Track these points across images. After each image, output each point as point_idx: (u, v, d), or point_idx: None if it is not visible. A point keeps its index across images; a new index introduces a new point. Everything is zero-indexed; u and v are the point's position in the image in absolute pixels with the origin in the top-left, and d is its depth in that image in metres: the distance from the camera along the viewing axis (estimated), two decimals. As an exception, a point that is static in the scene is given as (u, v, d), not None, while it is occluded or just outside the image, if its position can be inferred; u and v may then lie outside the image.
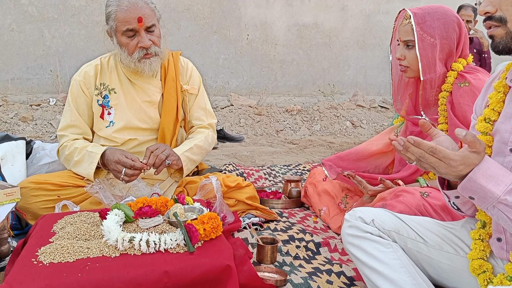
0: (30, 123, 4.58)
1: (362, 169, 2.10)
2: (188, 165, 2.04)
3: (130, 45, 1.93)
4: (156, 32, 1.96)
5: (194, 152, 2.06)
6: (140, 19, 1.88)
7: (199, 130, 2.17)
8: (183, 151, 2.00)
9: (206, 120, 2.19)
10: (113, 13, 1.90)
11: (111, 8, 1.92)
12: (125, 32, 1.91)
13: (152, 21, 1.93)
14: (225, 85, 5.72)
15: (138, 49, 1.93)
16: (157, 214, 1.50)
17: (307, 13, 5.88)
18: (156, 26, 1.96)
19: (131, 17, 1.88)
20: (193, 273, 1.21)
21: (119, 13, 1.89)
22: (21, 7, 4.93)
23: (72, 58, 5.09)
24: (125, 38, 1.92)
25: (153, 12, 1.95)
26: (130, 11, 1.88)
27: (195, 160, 2.08)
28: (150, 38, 1.94)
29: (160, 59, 2.01)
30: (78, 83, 2.05)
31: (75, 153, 1.97)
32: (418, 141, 0.98)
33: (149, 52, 1.94)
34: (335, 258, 1.77)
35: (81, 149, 1.96)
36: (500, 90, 1.16)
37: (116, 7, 1.90)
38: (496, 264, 1.16)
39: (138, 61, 1.95)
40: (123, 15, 1.88)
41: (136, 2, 1.90)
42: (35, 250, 1.29)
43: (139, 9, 1.89)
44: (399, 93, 2.05)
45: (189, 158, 2.02)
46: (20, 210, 1.82)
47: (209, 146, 2.16)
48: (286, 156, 3.95)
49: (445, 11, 1.79)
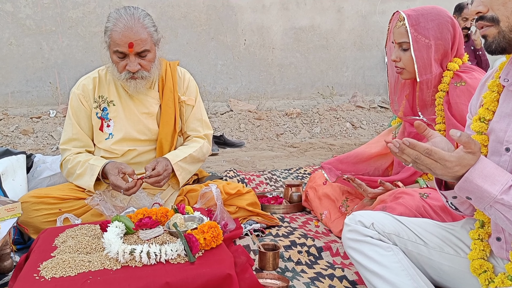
0: (31, 135, 4.60)
1: (361, 171, 2.11)
2: (183, 174, 2.05)
3: (119, 64, 1.92)
4: (148, 57, 1.93)
5: (188, 162, 2.07)
6: (131, 45, 1.85)
7: (195, 139, 2.18)
8: (177, 161, 2.01)
9: (202, 131, 2.19)
10: (109, 31, 1.89)
11: (108, 24, 1.90)
12: (115, 52, 1.90)
13: (145, 46, 1.89)
14: (224, 90, 5.73)
15: (125, 71, 1.92)
16: (158, 225, 1.51)
17: (303, 16, 5.90)
18: (149, 51, 1.92)
19: (123, 41, 1.85)
20: (194, 284, 1.22)
21: (113, 33, 1.87)
22: (19, 20, 4.96)
23: (71, 69, 5.11)
24: (116, 57, 1.92)
25: (150, 36, 1.90)
26: (123, 34, 1.84)
27: (189, 170, 2.10)
28: (140, 63, 1.91)
29: (148, 81, 2.00)
30: (77, 97, 2.06)
31: (78, 166, 1.98)
32: (414, 143, 0.99)
33: (135, 76, 1.93)
34: (337, 262, 1.77)
35: (84, 162, 1.97)
36: (494, 89, 1.16)
37: (113, 25, 1.87)
38: (497, 264, 1.16)
39: (125, 80, 1.95)
40: (116, 36, 1.86)
41: (132, 26, 1.85)
42: (37, 265, 1.30)
43: (134, 34, 1.85)
44: (396, 95, 2.05)
45: (182, 167, 2.03)
46: (22, 224, 1.83)
47: (203, 156, 2.17)
48: (287, 160, 3.96)
49: (439, 11, 1.80)
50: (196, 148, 2.11)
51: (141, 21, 1.88)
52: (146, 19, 1.91)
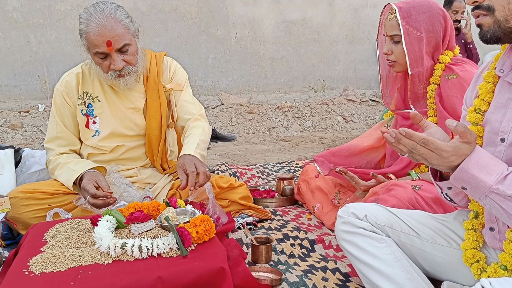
0: (19, 130, 4.53)
1: (354, 164, 2.11)
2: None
3: (103, 65, 1.86)
4: (130, 51, 1.85)
5: (202, 148, 1.93)
6: (109, 43, 1.77)
7: (193, 125, 2.02)
8: (194, 149, 1.85)
9: (196, 112, 2.07)
10: (84, 33, 1.82)
11: (81, 27, 1.83)
12: (96, 54, 1.83)
13: (124, 41, 1.81)
14: (215, 84, 5.70)
15: (111, 70, 1.86)
16: (149, 218, 1.49)
17: (295, 10, 5.88)
18: (130, 44, 1.84)
19: (100, 41, 1.77)
20: (187, 277, 1.21)
21: (88, 34, 1.79)
22: (6, 13, 4.87)
23: (60, 63, 5.04)
24: (98, 59, 1.85)
25: (126, 30, 1.82)
26: (98, 34, 1.77)
27: (204, 155, 1.93)
28: (124, 59, 1.84)
29: (135, 75, 1.94)
30: (60, 94, 2.01)
31: (57, 168, 1.93)
32: (410, 133, 0.98)
33: (122, 74, 1.88)
34: (330, 255, 1.77)
35: (63, 164, 1.92)
36: (490, 80, 1.16)
37: (86, 27, 1.79)
38: (489, 254, 1.16)
39: (113, 79, 1.89)
40: (92, 38, 1.78)
41: (106, 24, 1.78)
42: (26, 260, 1.28)
43: (108, 31, 1.77)
44: (388, 87, 2.05)
45: (201, 154, 1.89)
46: (11, 220, 1.80)
47: (208, 138, 2.04)
48: (278, 153, 3.95)
49: (430, 4, 1.79)
50: (200, 132, 1.97)
51: (113, 16, 1.80)
52: (118, 12, 1.83)
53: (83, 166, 1.88)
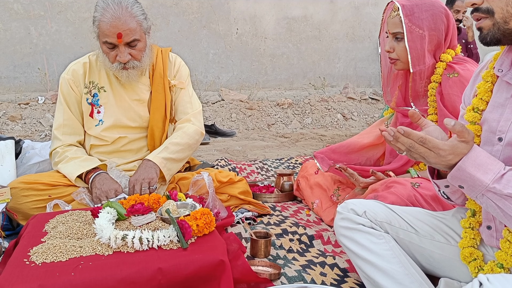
0: (19, 122, 4.53)
1: (353, 161, 2.12)
2: (168, 165, 1.96)
3: (110, 54, 1.89)
4: (138, 46, 1.89)
5: (172, 151, 1.98)
6: (120, 35, 1.81)
7: (178, 127, 2.09)
8: (156, 154, 1.95)
9: (191, 111, 2.12)
10: (97, 21, 1.84)
11: (96, 14, 1.85)
12: (105, 43, 1.86)
13: (135, 36, 1.85)
14: (215, 80, 5.70)
15: (116, 61, 1.89)
16: (150, 211, 1.50)
17: (296, 6, 5.86)
18: (139, 40, 1.88)
19: (111, 32, 1.80)
20: (187, 269, 1.22)
21: (101, 23, 1.82)
22: (6, 4, 4.85)
23: (60, 55, 5.03)
24: (105, 48, 1.88)
25: (139, 25, 1.86)
26: (111, 24, 1.80)
27: (175, 159, 1.99)
28: (130, 52, 1.87)
29: (139, 70, 1.97)
30: (67, 82, 2.03)
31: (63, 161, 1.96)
32: (408, 131, 0.99)
33: (126, 67, 1.90)
34: (328, 251, 1.78)
35: (70, 159, 1.95)
36: (488, 79, 1.17)
37: (101, 15, 1.82)
38: (487, 252, 1.17)
39: (117, 70, 1.92)
40: (104, 27, 1.81)
41: (120, 16, 1.81)
42: (27, 250, 1.28)
43: (122, 24, 1.80)
44: (389, 85, 2.05)
45: (166, 158, 1.95)
46: (11, 210, 1.80)
47: (191, 138, 2.06)
48: (278, 150, 3.96)
49: (433, 2, 1.80)
50: (177, 134, 2.03)
51: (129, 10, 1.83)
52: (134, 7, 1.86)
53: (89, 164, 1.94)
